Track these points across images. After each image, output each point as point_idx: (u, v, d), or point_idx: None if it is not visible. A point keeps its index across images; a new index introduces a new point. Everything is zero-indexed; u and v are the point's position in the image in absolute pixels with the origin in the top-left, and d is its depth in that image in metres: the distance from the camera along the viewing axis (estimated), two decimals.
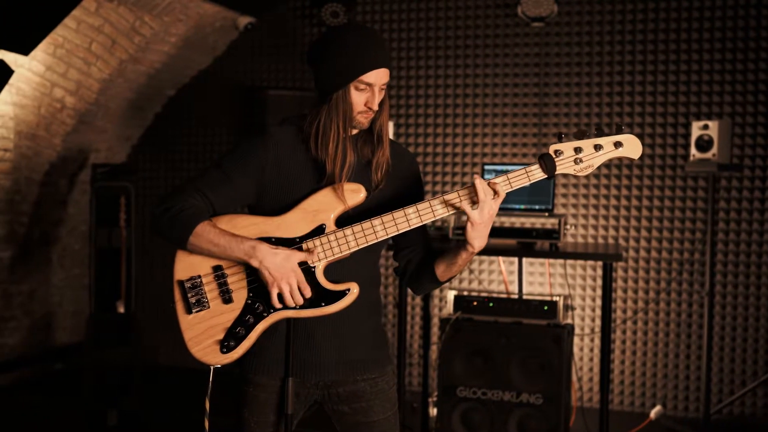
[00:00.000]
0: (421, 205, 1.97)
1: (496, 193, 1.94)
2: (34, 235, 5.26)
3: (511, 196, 3.96)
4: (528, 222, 4.23)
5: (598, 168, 4.68)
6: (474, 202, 1.95)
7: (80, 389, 4.44)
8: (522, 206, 3.94)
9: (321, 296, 1.97)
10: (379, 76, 1.99)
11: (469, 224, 1.95)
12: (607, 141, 1.96)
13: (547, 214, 3.87)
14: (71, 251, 5.62)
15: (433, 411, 4.14)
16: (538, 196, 3.91)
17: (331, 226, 1.99)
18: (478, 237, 1.97)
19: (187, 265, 2.00)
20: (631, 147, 1.96)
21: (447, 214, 1.98)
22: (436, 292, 4.93)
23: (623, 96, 4.71)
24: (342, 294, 1.97)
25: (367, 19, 5.17)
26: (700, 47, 4.57)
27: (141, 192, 5.59)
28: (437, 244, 3.93)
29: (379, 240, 1.98)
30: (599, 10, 4.73)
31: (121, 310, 4.81)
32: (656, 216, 4.66)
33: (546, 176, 1.96)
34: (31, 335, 5.31)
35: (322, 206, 2.00)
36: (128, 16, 4.65)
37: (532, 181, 1.97)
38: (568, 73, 4.80)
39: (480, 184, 1.92)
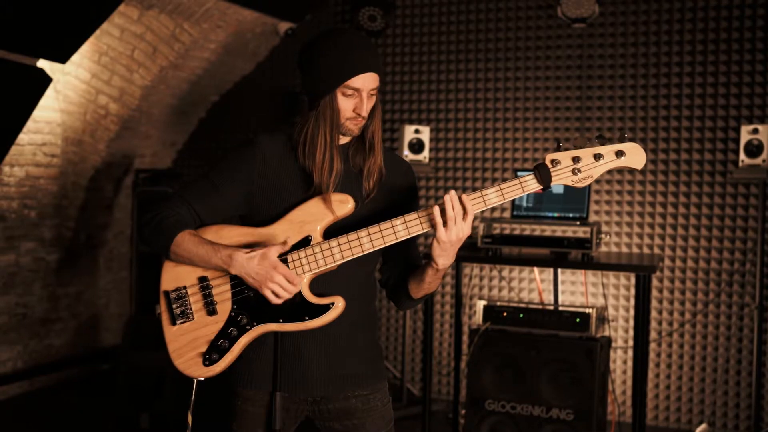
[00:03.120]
0: (409, 217, 1.90)
1: (465, 211, 1.84)
2: (81, 238, 5.38)
3: (544, 204, 3.86)
4: (561, 230, 4.09)
5: (642, 173, 4.52)
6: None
7: (117, 391, 4.51)
8: (555, 214, 3.81)
9: (305, 310, 1.91)
10: (366, 81, 1.92)
11: (434, 240, 1.87)
12: (608, 150, 1.85)
13: (580, 222, 3.73)
14: (118, 254, 5.74)
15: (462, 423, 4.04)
16: (573, 203, 3.77)
17: (317, 237, 1.93)
18: (442, 255, 1.88)
19: (173, 276, 1.98)
20: (634, 156, 1.85)
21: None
22: (466, 300, 4.83)
23: (669, 99, 4.51)
24: (326, 308, 1.91)
25: (406, 23, 5.10)
26: (753, 47, 4.34)
27: None
28: (464, 253, 3.83)
29: (366, 253, 1.92)
30: (644, 10, 4.54)
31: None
32: (701, 225, 4.44)
33: (541, 188, 1.86)
34: (77, 337, 5.43)
35: (309, 217, 1.94)
36: (168, 23, 4.71)
37: (526, 192, 1.88)
38: (612, 76, 4.63)
39: (450, 199, 1.82)
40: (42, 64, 4.25)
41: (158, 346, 4.58)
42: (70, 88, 4.83)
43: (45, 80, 4.05)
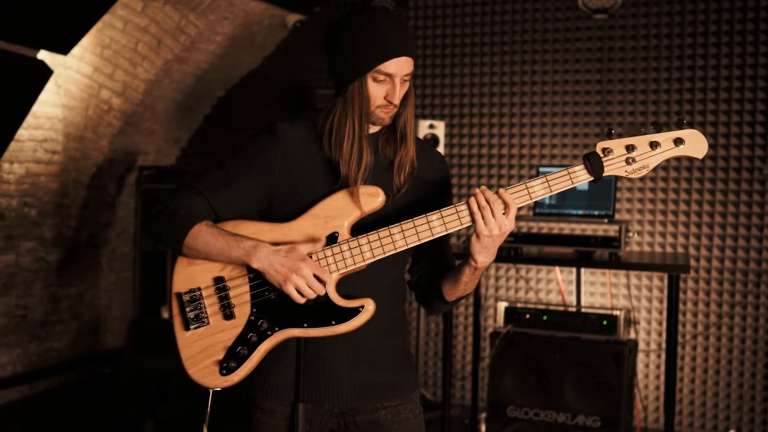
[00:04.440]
0: (446, 212, 1.73)
1: (506, 205, 1.68)
2: (83, 238, 5.21)
3: (568, 201, 3.69)
4: (586, 229, 3.92)
5: (664, 169, 4.34)
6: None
7: (120, 395, 4.34)
8: (580, 212, 3.64)
9: (332, 313, 1.74)
10: (400, 66, 1.75)
11: (473, 235, 1.71)
12: (665, 138, 1.68)
13: (606, 220, 3.56)
14: (120, 254, 5.57)
15: (482, 429, 3.88)
16: (598, 200, 3.60)
17: (344, 234, 1.77)
18: (482, 251, 1.72)
19: (186, 276, 1.80)
20: (695, 144, 1.68)
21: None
22: (490, 301, 4.66)
23: (694, 93, 4.34)
24: (355, 311, 1.74)
25: (419, 14, 4.93)
26: None
27: None
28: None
29: (398, 251, 1.75)
30: (667, 0, 4.38)
31: (166, 315, 4.71)
32: (732, 223, 4.27)
33: (592, 178, 1.69)
34: (79, 339, 5.27)
35: (336, 212, 1.77)
36: (174, 15, 4.54)
37: (575, 184, 1.70)
38: (633, 69, 4.46)
39: (482, 191, 1.68)
40: (42, 55, 4.09)
41: (162, 350, 4.43)
42: (72, 82, 4.66)
43: (46, 73, 3.89)
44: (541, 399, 3.54)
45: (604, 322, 3.50)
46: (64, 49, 3.92)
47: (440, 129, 4.45)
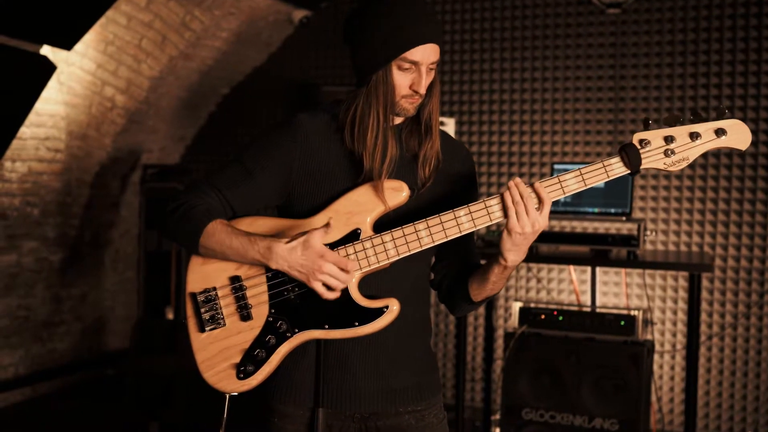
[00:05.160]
0: (474, 207, 1.65)
1: (540, 200, 1.60)
2: (86, 237, 5.13)
3: (584, 199, 3.60)
4: (603, 227, 3.84)
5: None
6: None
7: (125, 398, 4.26)
8: (596, 210, 3.55)
9: (354, 314, 1.66)
10: (426, 53, 1.67)
11: (505, 231, 1.63)
12: (706, 128, 1.59)
13: (624, 218, 3.47)
14: (124, 254, 5.49)
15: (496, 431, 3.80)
16: (614, 198, 3.52)
17: (367, 231, 1.68)
18: (513, 249, 1.64)
19: (201, 276, 1.72)
20: (738, 135, 1.59)
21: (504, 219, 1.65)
22: (500, 302, 4.57)
23: (709, 89, 4.25)
24: (379, 312, 1.66)
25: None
26: None
27: None
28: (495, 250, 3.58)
29: (424, 248, 1.67)
30: None
31: (170, 316, 4.63)
32: (742, 221, 4.18)
33: (629, 171, 1.61)
34: (82, 340, 5.19)
35: (358, 207, 1.69)
36: (178, 10, 4.46)
37: (611, 178, 1.62)
38: (647, 65, 4.38)
39: (516, 185, 1.60)
40: (45, 51, 4.01)
41: (167, 351, 4.34)
42: (75, 79, 4.57)
43: (49, 68, 3.81)
44: (557, 401, 3.46)
45: (622, 323, 3.42)
46: (67, 44, 3.83)
47: (450, 126, 4.37)
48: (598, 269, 3.90)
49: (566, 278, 4.44)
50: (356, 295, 1.67)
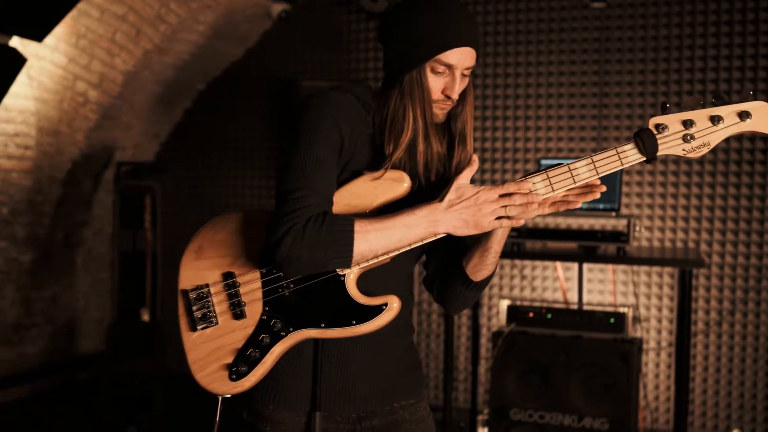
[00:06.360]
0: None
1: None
2: (57, 237, 4.98)
3: None
4: (592, 223, 3.78)
5: (666, 162, 4.23)
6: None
7: (100, 402, 4.13)
8: (584, 205, 3.50)
9: (352, 312, 1.58)
10: (463, 57, 1.58)
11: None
12: (728, 111, 1.51)
13: (614, 213, 3.42)
14: (97, 254, 5.34)
15: None
16: (603, 193, 3.45)
17: None
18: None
19: (193, 272, 1.63)
20: (764, 118, 1.49)
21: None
22: (485, 299, 4.50)
23: (693, 84, 4.23)
24: (378, 310, 1.58)
25: None
26: None
27: (169, 192, 5.25)
28: None
29: (426, 242, 1.58)
30: None
31: (146, 318, 4.50)
32: (735, 217, 4.16)
33: (644, 159, 1.54)
34: (53, 343, 5.03)
35: (356, 199, 1.61)
36: (153, 3, 4.33)
37: (625, 166, 1.55)
38: (632, 60, 4.34)
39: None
40: (14, 43, 3.86)
41: (145, 354, 4.22)
42: (45, 73, 4.42)
43: (18, 61, 3.67)
44: (546, 400, 3.40)
45: (612, 320, 3.37)
46: (38, 35, 3.70)
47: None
48: (584, 266, 3.84)
49: (551, 275, 4.39)
50: (354, 292, 1.59)
